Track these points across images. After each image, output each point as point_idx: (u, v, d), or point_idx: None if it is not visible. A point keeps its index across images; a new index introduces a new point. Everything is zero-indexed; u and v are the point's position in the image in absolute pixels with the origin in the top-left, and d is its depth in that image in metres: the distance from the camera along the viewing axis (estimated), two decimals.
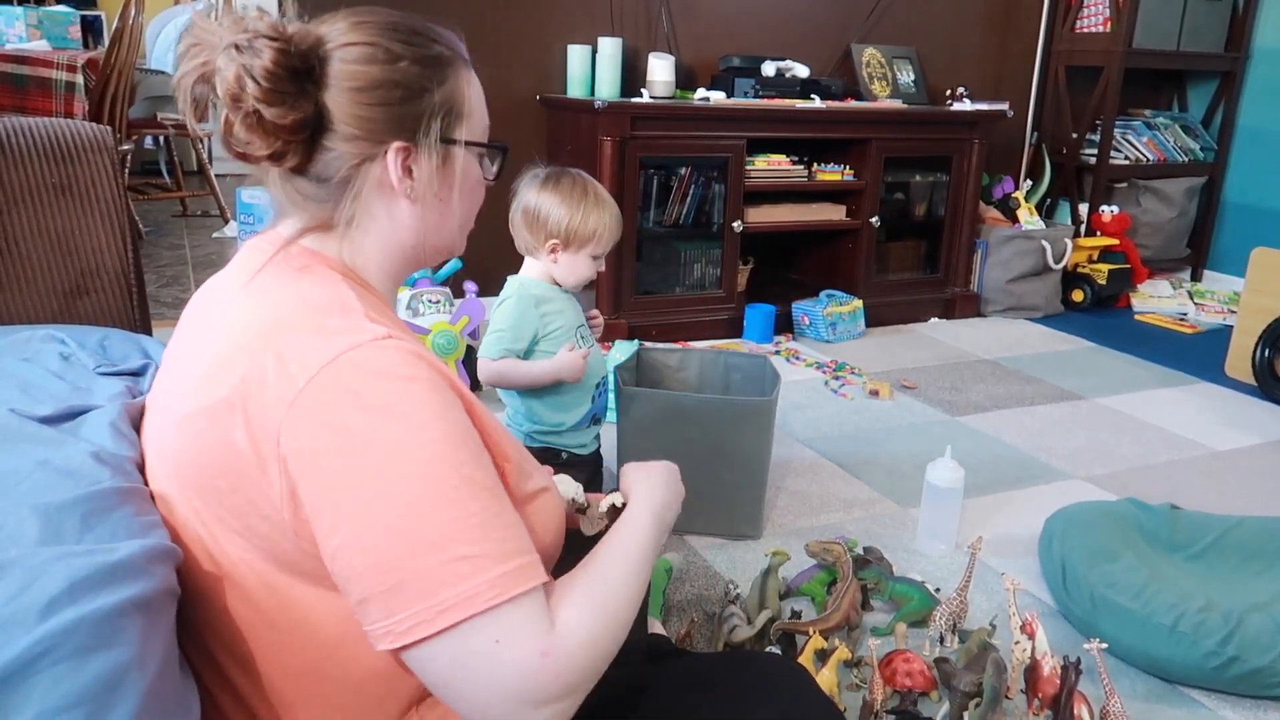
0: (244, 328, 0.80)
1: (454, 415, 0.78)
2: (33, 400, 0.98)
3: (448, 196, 0.91)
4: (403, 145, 0.86)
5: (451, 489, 0.75)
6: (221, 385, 0.78)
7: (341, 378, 0.75)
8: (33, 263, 1.54)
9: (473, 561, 0.74)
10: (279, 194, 0.88)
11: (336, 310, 0.80)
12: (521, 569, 0.76)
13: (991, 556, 1.97)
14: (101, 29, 5.44)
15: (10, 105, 3.39)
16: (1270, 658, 1.52)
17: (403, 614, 0.73)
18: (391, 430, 0.74)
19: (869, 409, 2.80)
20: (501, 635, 0.74)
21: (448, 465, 0.75)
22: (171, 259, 4.10)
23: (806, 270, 3.82)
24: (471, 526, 0.75)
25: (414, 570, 0.73)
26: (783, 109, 3.26)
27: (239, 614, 0.82)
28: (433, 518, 0.74)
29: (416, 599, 0.73)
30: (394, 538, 0.73)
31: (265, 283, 0.84)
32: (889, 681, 1.47)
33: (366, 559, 0.74)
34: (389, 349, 0.77)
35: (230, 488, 0.78)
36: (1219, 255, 4.46)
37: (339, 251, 0.89)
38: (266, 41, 0.80)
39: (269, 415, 0.75)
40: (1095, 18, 4.01)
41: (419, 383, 0.77)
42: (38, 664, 0.63)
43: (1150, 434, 2.70)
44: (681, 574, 1.83)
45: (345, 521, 0.74)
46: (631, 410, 1.93)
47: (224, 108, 0.81)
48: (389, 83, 0.84)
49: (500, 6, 3.18)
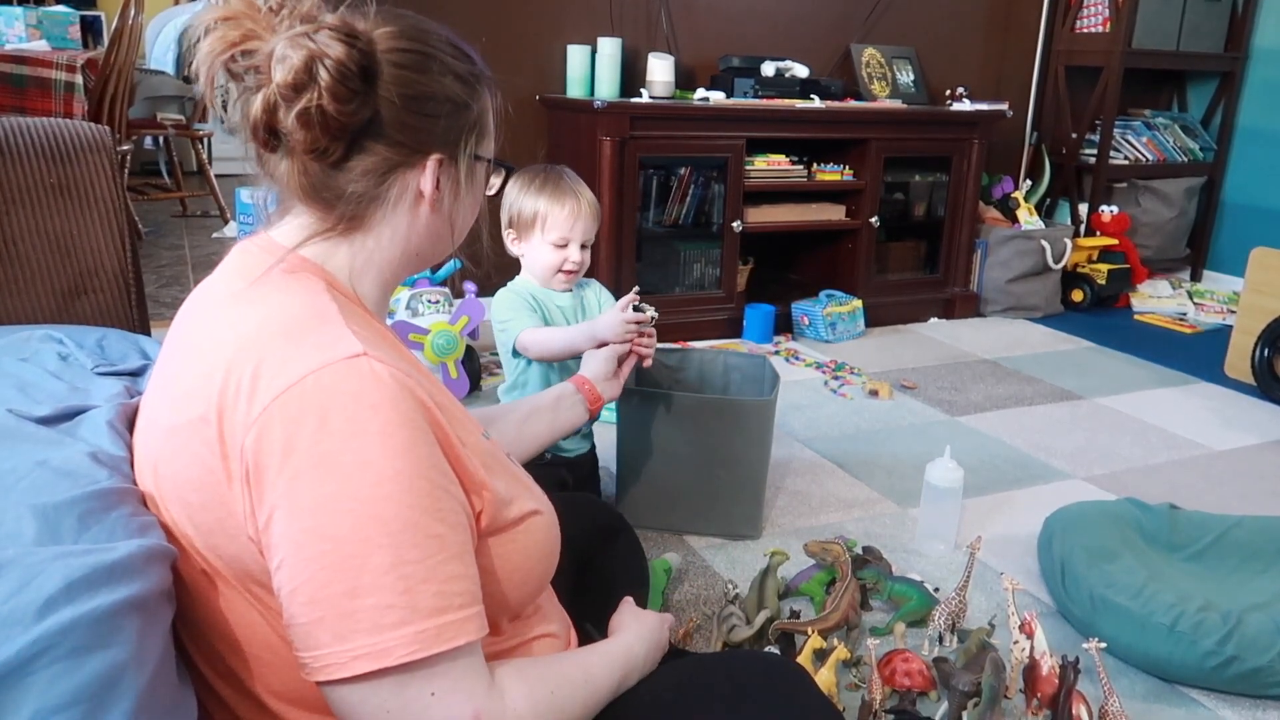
0: (225, 341, 0.78)
1: (416, 451, 0.74)
2: (31, 400, 0.98)
3: (460, 208, 0.91)
4: (441, 158, 0.86)
5: (392, 533, 0.72)
6: (199, 401, 0.77)
7: (306, 398, 0.72)
8: (31, 263, 1.54)
9: (396, 612, 0.71)
10: (289, 186, 0.85)
11: (314, 321, 0.78)
12: (451, 625, 0.73)
13: (991, 556, 1.97)
14: (101, 29, 5.43)
15: (9, 105, 3.38)
16: (1269, 657, 1.52)
17: (319, 651, 0.72)
18: (344, 461, 0.71)
19: (868, 409, 2.80)
20: (437, 689, 0.73)
21: (394, 507, 0.72)
22: (171, 259, 4.10)
23: (806, 270, 3.82)
24: (404, 575, 0.72)
25: (337, 610, 0.71)
26: (782, 109, 3.26)
27: (221, 623, 0.82)
28: (366, 560, 0.71)
29: (333, 640, 0.71)
30: (325, 572, 0.71)
31: (253, 293, 0.82)
32: (888, 681, 1.47)
33: (296, 586, 0.72)
34: (360, 370, 0.74)
35: (201, 503, 0.77)
36: (1218, 255, 4.46)
37: (335, 257, 0.87)
38: (335, 34, 0.78)
39: (235, 431, 0.74)
40: (1095, 18, 4.01)
41: (385, 411, 0.73)
42: (34, 663, 0.62)
43: (1150, 434, 2.70)
44: (681, 574, 1.83)
45: (285, 543, 0.72)
46: (631, 410, 1.93)
47: (271, 93, 0.78)
48: (440, 97, 0.84)
49: (500, 6, 3.18)
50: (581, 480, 1.97)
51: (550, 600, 1.03)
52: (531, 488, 0.95)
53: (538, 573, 0.92)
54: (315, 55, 0.77)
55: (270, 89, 0.79)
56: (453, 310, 2.62)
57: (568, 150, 3.18)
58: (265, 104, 0.79)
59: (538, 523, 0.91)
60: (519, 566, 0.88)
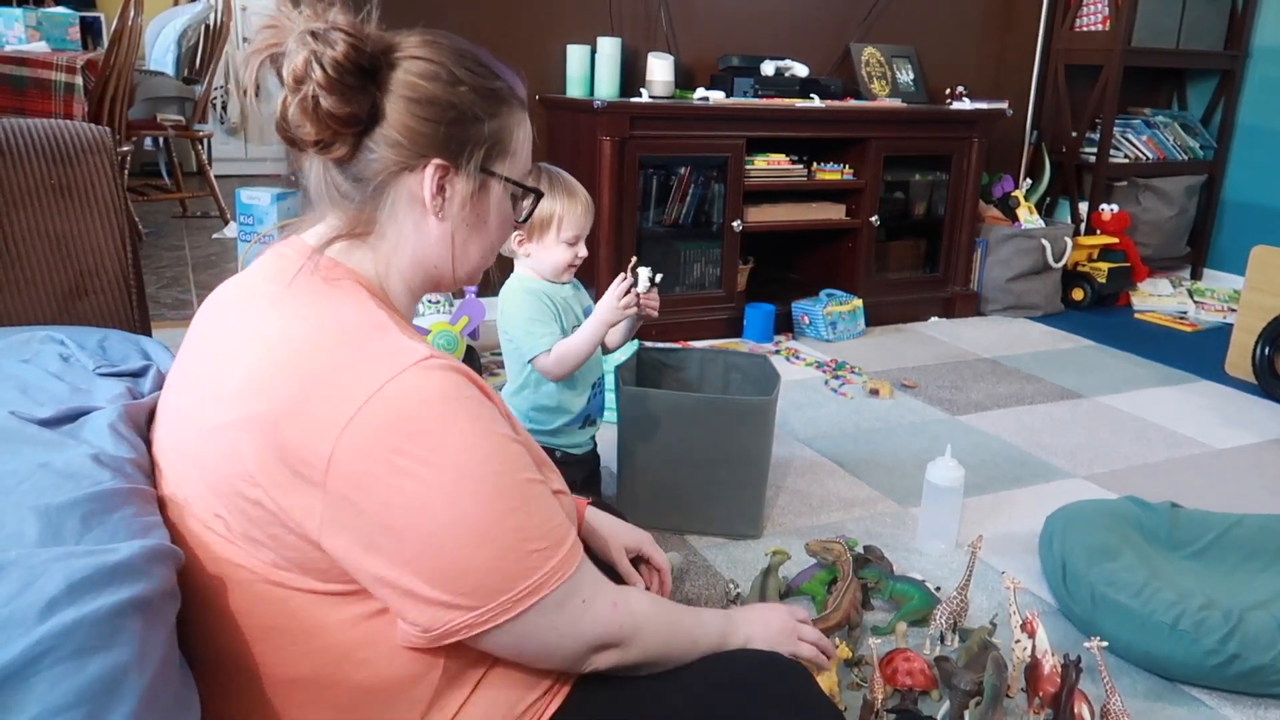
0: (280, 345, 0.81)
1: (495, 422, 0.83)
2: (33, 401, 0.98)
3: (476, 225, 0.94)
4: (442, 164, 0.88)
5: (512, 495, 0.82)
6: (258, 401, 0.79)
7: (393, 405, 0.78)
8: (32, 264, 1.54)
9: (542, 553, 0.83)
10: (317, 189, 0.90)
11: (374, 332, 0.83)
12: (575, 543, 0.87)
13: (992, 555, 1.97)
14: (101, 30, 5.43)
15: (9, 107, 3.38)
16: (1271, 655, 1.52)
17: (485, 606, 0.81)
18: (452, 451, 0.79)
19: (869, 408, 2.80)
20: (587, 594, 0.88)
21: (505, 476, 0.82)
22: (171, 260, 4.10)
23: (806, 269, 3.82)
24: (536, 523, 0.83)
25: (493, 571, 0.81)
26: (782, 108, 3.26)
27: (246, 619, 0.83)
28: (504, 523, 0.81)
29: (497, 593, 0.81)
30: (472, 545, 0.79)
31: (297, 297, 0.85)
32: (889, 680, 1.47)
33: (442, 570, 0.79)
34: (433, 371, 0.80)
35: (255, 500, 0.79)
36: (1219, 253, 4.46)
37: (365, 262, 0.91)
38: (342, 35, 0.83)
39: (316, 439, 0.77)
40: (1094, 16, 4.01)
41: (465, 402, 0.81)
42: (37, 664, 0.63)
43: (1150, 432, 2.70)
44: (681, 573, 1.83)
45: (419, 538, 0.78)
46: (631, 410, 1.93)
47: (283, 89, 0.84)
48: (444, 103, 0.88)
49: (500, 6, 3.18)
50: (583, 479, 1.97)
51: None
52: (555, 469, 0.99)
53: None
54: (314, 51, 0.82)
55: (284, 86, 0.85)
56: (453, 310, 2.62)
57: (568, 150, 3.18)
58: (283, 100, 0.85)
59: (565, 501, 0.96)
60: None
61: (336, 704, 0.85)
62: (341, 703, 0.85)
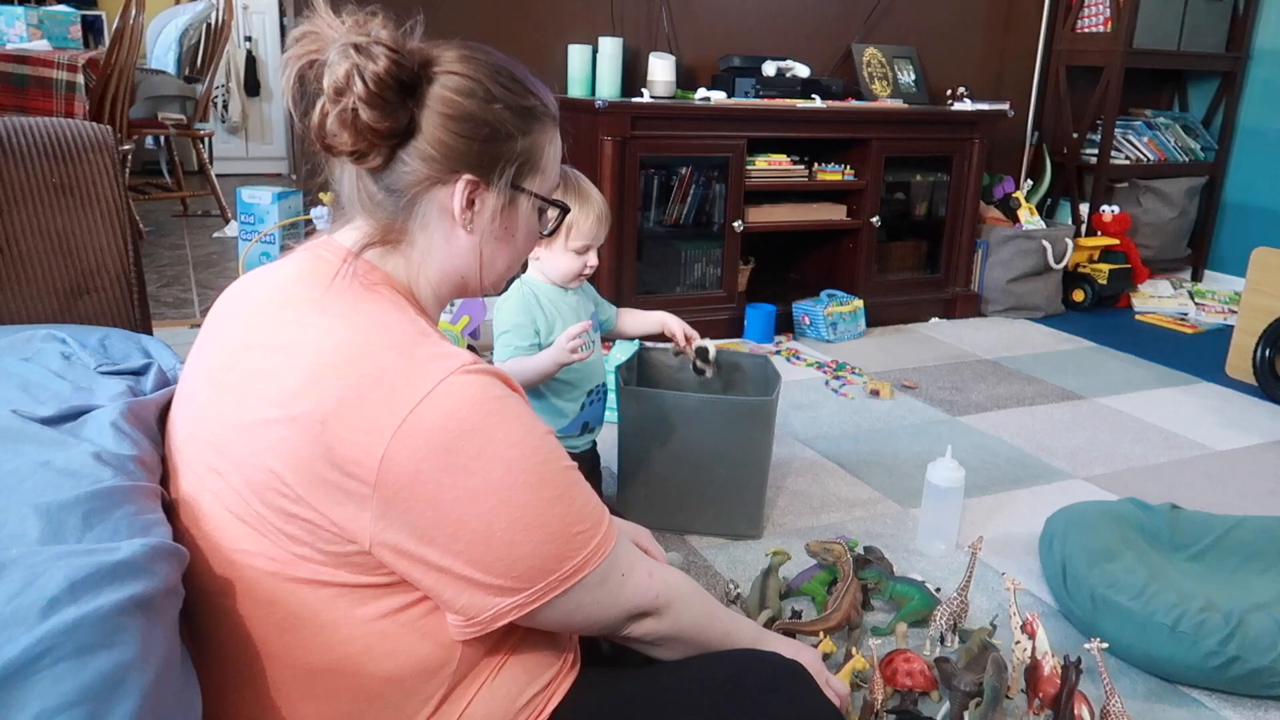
0: (327, 349, 0.82)
1: (536, 421, 0.87)
2: (34, 400, 0.98)
3: (505, 238, 0.96)
4: (473, 179, 0.90)
5: (554, 484, 0.86)
6: (306, 401, 0.80)
7: (443, 406, 0.80)
8: (33, 262, 1.54)
9: (584, 534, 0.88)
10: (349, 195, 0.92)
11: (419, 337, 0.85)
12: (611, 524, 0.91)
13: (992, 556, 1.97)
14: (102, 29, 5.44)
15: (11, 105, 3.39)
16: (1271, 658, 1.52)
17: (535, 587, 0.85)
18: (499, 448, 0.82)
19: (869, 409, 2.80)
20: (625, 568, 0.92)
21: (547, 466, 0.86)
22: (172, 259, 4.11)
23: (807, 270, 3.82)
24: (578, 508, 0.87)
25: (542, 555, 0.85)
26: (783, 109, 3.26)
27: (266, 613, 0.83)
28: (551, 510, 0.85)
29: (546, 574, 0.85)
30: (521, 535, 0.83)
31: (341, 300, 0.87)
32: (889, 681, 1.47)
33: (495, 557, 0.83)
34: (477, 375, 0.83)
35: (295, 497, 0.80)
36: (1219, 255, 4.46)
37: (399, 268, 0.93)
38: (385, 50, 0.85)
39: (368, 440, 0.78)
40: (1095, 18, 4.01)
41: (507, 400, 0.85)
42: (38, 663, 0.62)
43: (1151, 434, 2.70)
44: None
45: (470, 531, 0.82)
46: (631, 410, 1.93)
47: (322, 98, 0.86)
48: (479, 120, 0.89)
49: (501, 6, 3.18)
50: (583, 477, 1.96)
51: None
52: None
53: None
54: (356, 65, 0.84)
55: (324, 96, 0.86)
56: (454, 310, 2.62)
57: (569, 150, 3.15)
58: (320, 109, 0.86)
59: None
60: None
61: (352, 698, 0.86)
62: (357, 697, 0.86)
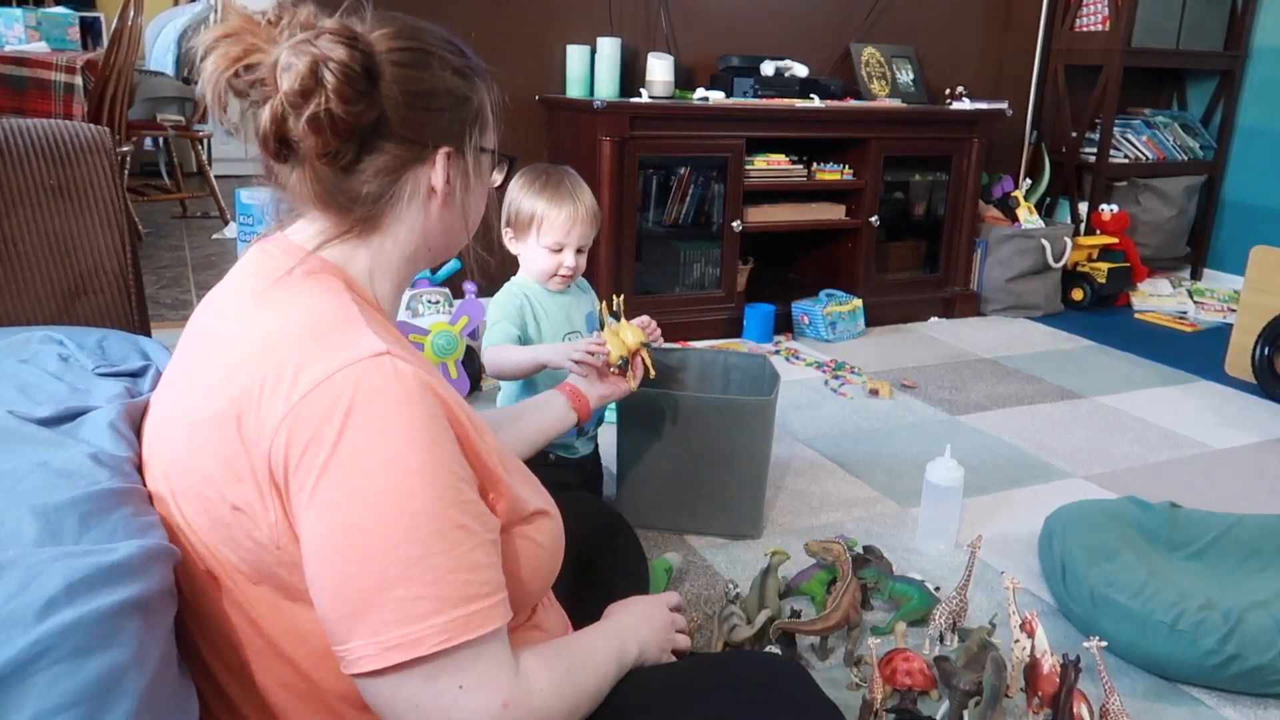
0: (247, 340, 0.80)
1: (440, 446, 0.76)
2: (31, 401, 0.98)
3: (471, 201, 0.93)
4: (449, 150, 0.88)
5: (420, 526, 0.74)
6: (222, 397, 0.78)
7: (333, 395, 0.74)
8: (31, 264, 1.54)
9: (426, 603, 0.73)
10: (301, 192, 0.86)
11: (339, 322, 0.79)
12: (479, 614, 0.75)
13: (991, 555, 1.97)
14: (100, 30, 5.43)
15: (9, 107, 3.38)
16: (1270, 656, 1.52)
17: (352, 643, 0.74)
18: (372, 457, 0.73)
19: (869, 408, 2.80)
20: (465, 681, 0.75)
21: (421, 501, 0.74)
22: (171, 260, 4.10)
23: (806, 270, 3.82)
24: (433, 567, 0.73)
25: (368, 602, 0.73)
26: (782, 108, 3.26)
27: (230, 620, 0.82)
28: (395, 553, 0.73)
29: (367, 632, 0.73)
30: (356, 566, 0.73)
31: (277, 293, 0.83)
32: (889, 680, 1.47)
33: (328, 580, 0.74)
34: (385, 368, 0.76)
35: (218, 497, 0.78)
36: (1218, 254, 4.46)
37: (355, 260, 0.88)
38: (340, 38, 0.79)
39: (263, 429, 0.75)
40: (1094, 16, 4.01)
41: (409, 407, 0.75)
42: (35, 664, 0.62)
43: (1150, 432, 2.70)
44: (681, 574, 1.83)
45: (315, 538, 0.74)
46: (631, 410, 1.93)
47: (278, 103, 0.79)
48: (441, 90, 0.86)
49: (500, 6, 3.18)
50: (585, 483, 1.97)
51: (548, 600, 1.04)
52: (540, 489, 0.96)
53: (543, 573, 0.93)
54: (319, 59, 0.78)
55: (277, 99, 0.79)
56: (453, 310, 2.62)
57: (568, 150, 3.18)
58: (273, 114, 0.80)
59: (545, 524, 0.92)
60: (526, 564, 0.88)
61: (319, 707, 0.84)
62: (323, 706, 0.84)
